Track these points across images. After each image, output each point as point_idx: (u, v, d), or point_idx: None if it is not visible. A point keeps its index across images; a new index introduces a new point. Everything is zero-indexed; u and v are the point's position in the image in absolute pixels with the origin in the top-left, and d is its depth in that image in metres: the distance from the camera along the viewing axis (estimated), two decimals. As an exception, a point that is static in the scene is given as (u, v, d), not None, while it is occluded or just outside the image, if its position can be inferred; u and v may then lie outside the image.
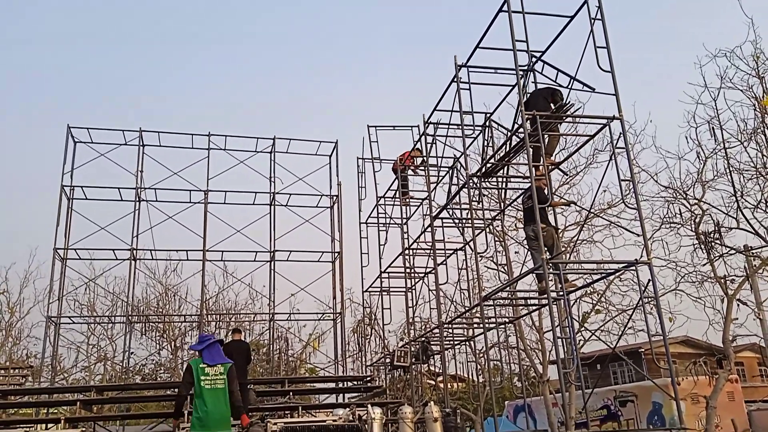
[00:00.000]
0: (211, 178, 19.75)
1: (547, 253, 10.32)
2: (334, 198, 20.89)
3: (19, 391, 14.89)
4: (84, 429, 13.18)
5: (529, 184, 10.80)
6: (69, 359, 21.83)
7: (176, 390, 16.65)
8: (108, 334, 22.27)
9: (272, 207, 20.37)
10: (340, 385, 17.76)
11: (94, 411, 15.40)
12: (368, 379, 17.90)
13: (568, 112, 11.33)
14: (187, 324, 22.74)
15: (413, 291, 18.21)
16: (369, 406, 12.16)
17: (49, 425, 14.22)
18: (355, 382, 17.70)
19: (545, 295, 10.25)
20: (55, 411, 16.81)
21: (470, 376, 20.70)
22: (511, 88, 13.10)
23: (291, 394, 15.67)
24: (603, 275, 11.93)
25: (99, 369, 22.58)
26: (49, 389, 16.27)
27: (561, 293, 9.99)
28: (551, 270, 9.95)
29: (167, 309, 23.03)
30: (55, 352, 18.23)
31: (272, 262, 19.99)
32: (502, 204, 14.91)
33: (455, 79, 12.89)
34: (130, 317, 19.94)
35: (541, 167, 10.82)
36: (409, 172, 17.86)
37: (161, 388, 17.95)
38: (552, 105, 11.15)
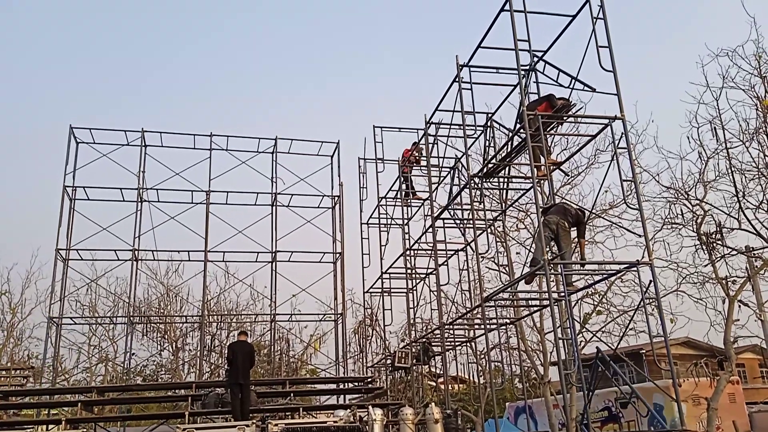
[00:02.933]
0: (213, 178, 19.82)
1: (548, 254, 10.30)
2: (336, 198, 20.89)
3: (21, 392, 14.88)
4: (85, 430, 13.17)
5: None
6: (70, 360, 21.90)
7: (176, 391, 16.68)
8: (109, 335, 22.40)
9: (274, 207, 20.37)
10: (341, 387, 17.73)
11: (95, 412, 15.37)
12: (369, 380, 17.87)
13: (570, 113, 11.32)
14: (188, 325, 22.79)
15: (414, 292, 18.21)
16: (370, 407, 12.14)
17: (51, 426, 14.21)
18: (356, 384, 17.67)
19: (546, 296, 10.24)
20: (56, 412, 16.80)
21: (471, 378, 20.68)
22: (512, 88, 13.09)
23: (292, 395, 15.65)
24: (604, 276, 11.90)
25: (100, 370, 22.65)
26: (50, 390, 16.26)
27: (562, 294, 9.97)
28: (553, 271, 9.94)
29: (168, 310, 23.09)
30: (56, 353, 18.24)
31: (274, 263, 19.99)
32: (503, 204, 14.88)
33: (457, 79, 12.88)
34: (131, 318, 19.95)
35: (542, 167, 10.81)
36: (414, 171, 17.88)
37: (162, 389, 17.93)
38: None
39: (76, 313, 21.16)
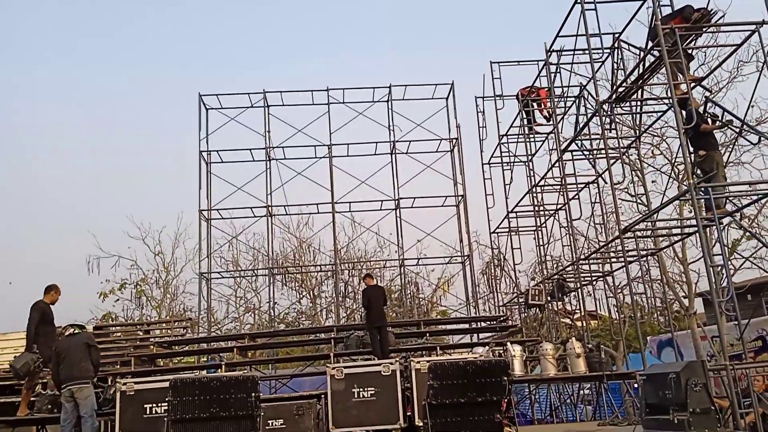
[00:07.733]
0: (333, 132, 20.24)
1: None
2: (454, 141, 20.68)
3: (182, 341, 16.37)
4: (243, 372, 14.32)
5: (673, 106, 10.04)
6: (220, 311, 23.71)
7: (318, 335, 17.62)
8: (253, 286, 23.90)
9: (393, 156, 20.55)
10: (474, 326, 17.91)
11: (248, 356, 16.63)
12: (502, 318, 17.90)
13: (710, 22, 10.33)
14: (322, 274, 23.89)
15: (544, 229, 17.80)
16: (509, 343, 12.21)
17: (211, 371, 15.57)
18: (490, 323, 17.77)
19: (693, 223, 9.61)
20: (214, 357, 18.37)
21: (608, 313, 20.10)
22: (641, 3, 12.11)
23: (427, 335, 16.01)
24: (755, 198, 10.97)
25: (248, 319, 24.34)
26: (207, 338, 17.75)
27: (713, 219, 9.32)
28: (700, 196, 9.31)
29: (303, 261, 24.25)
30: (208, 305, 19.82)
31: (398, 210, 20.30)
32: (636, 130, 14.02)
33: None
34: (271, 270, 21.21)
35: (683, 86, 10.01)
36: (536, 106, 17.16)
37: (306, 333, 19.05)
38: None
39: (222, 268, 22.76)
